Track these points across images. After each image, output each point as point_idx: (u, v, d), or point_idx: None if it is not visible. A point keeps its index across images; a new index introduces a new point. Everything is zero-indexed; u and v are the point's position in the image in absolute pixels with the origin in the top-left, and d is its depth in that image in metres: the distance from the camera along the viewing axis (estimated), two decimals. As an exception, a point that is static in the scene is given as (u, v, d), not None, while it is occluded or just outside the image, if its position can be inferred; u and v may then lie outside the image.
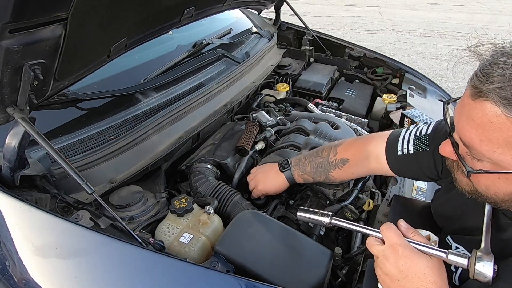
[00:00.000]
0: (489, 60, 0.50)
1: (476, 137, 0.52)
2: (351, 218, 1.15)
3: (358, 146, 1.00)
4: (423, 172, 0.87)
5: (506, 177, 0.53)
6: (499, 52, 0.50)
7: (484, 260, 0.55)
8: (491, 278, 0.54)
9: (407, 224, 0.66)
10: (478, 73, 0.51)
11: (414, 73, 1.91)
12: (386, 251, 0.62)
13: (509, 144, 0.49)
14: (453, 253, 0.59)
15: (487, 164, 0.54)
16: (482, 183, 0.58)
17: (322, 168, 1.04)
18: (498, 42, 0.52)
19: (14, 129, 0.81)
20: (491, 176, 0.55)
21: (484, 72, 0.49)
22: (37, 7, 0.62)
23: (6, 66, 0.67)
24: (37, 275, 0.77)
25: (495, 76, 0.48)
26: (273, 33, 2.08)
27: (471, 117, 0.52)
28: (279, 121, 1.51)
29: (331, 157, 1.02)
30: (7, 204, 0.83)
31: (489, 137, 0.50)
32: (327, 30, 4.07)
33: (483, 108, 0.50)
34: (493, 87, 0.48)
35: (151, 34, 1.15)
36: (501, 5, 8.01)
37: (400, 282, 0.60)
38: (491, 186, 0.57)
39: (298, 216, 0.80)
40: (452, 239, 0.73)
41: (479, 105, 0.50)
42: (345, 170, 1.02)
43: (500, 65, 0.48)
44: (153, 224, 1.02)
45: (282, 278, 0.81)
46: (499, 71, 0.48)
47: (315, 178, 1.05)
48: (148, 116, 1.22)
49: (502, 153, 0.50)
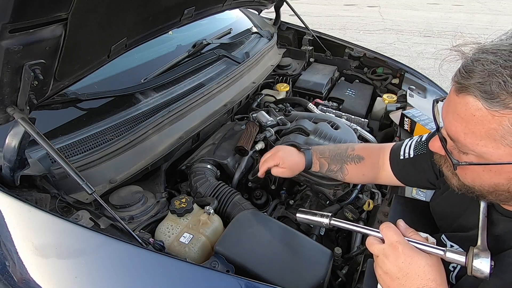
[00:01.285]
0: (471, 57, 0.53)
1: (461, 130, 0.55)
2: (351, 218, 1.15)
3: (373, 150, 1.04)
4: (423, 176, 0.89)
5: (490, 168, 0.56)
6: (480, 50, 0.53)
7: (481, 256, 0.56)
8: (488, 274, 0.55)
9: (405, 224, 0.67)
10: (461, 70, 0.54)
11: (414, 73, 1.91)
12: (386, 249, 0.63)
13: (490, 136, 0.52)
14: (451, 251, 0.60)
15: (472, 157, 0.57)
16: (469, 176, 0.61)
17: (339, 157, 1.05)
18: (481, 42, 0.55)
19: (14, 129, 0.82)
20: (476, 169, 0.58)
21: (466, 68, 0.53)
22: (37, 7, 0.62)
23: (6, 66, 0.68)
24: (37, 275, 0.77)
25: (476, 71, 0.51)
26: (273, 33, 2.08)
27: (456, 111, 0.55)
28: (279, 121, 1.51)
29: (349, 151, 1.05)
30: (7, 204, 0.83)
31: (473, 130, 0.53)
32: (327, 30, 4.08)
33: (466, 103, 0.53)
34: (474, 82, 0.51)
35: (151, 34, 1.15)
36: (501, 5, 8.01)
37: (400, 281, 0.60)
38: (477, 179, 0.59)
39: (298, 218, 0.80)
40: (447, 238, 0.74)
41: (462, 100, 0.53)
42: (359, 168, 1.02)
43: (480, 62, 0.51)
44: (153, 224, 1.02)
45: (282, 278, 0.81)
46: (480, 67, 0.51)
47: (330, 165, 1.05)
48: (148, 116, 1.22)
49: (485, 145, 0.53)
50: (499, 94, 0.49)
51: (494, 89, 0.49)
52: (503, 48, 0.50)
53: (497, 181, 0.57)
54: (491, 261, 0.55)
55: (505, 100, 0.49)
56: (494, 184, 0.57)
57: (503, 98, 0.49)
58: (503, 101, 0.49)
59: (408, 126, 1.43)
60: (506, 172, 0.55)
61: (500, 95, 0.49)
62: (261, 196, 1.27)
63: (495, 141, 0.52)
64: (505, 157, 0.53)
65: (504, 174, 0.55)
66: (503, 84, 0.48)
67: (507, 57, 0.49)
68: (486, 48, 0.52)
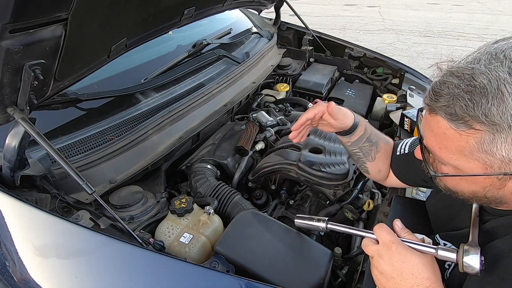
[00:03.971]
0: (440, 79, 0.57)
1: (436, 144, 0.59)
2: (351, 218, 1.15)
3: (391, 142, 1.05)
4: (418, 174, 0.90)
5: (466, 178, 0.60)
6: (449, 72, 0.56)
7: (471, 253, 0.57)
8: (478, 270, 0.56)
9: (402, 224, 0.69)
10: (430, 92, 0.58)
11: (414, 73, 1.91)
12: (380, 249, 0.64)
13: (460, 152, 0.56)
14: (442, 248, 0.62)
15: (450, 167, 0.61)
16: (449, 184, 0.65)
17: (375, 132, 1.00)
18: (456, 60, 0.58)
19: (14, 129, 0.82)
20: (455, 178, 0.62)
21: (434, 91, 0.57)
22: (37, 8, 0.62)
23: (7, 67, 0.68)
24: (37, 275, 0.77)
25: (442, 95, 0.55)
26: (273, 33, 2.08)
27: (430, 127, 0.59)
28: (279, 121, 1.51)
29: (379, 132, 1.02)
30: (7, 204, 0.83)
31: (445, 145, 0.57)
32: (327, 30, 4.08)
33: (437, 121, 0.57)
34: (440, 105, 0.55)
35: (151, 34, 1.15)
36: (501, 5, 8.01)
37: (395, 280, 0.61)
38: (457, 186, 0.63)
39: (296, 223, 0.84)
40: (440, 237, 0.76)
41: (434, 119, 0.57)
42: (386, 150, 0.99)
43: (446, 85, 0.54)
44: (153, 224, 1.02)
45: (282, 278, 0.81)
46: (446, 90, 0.54)
47: (371, 135, 0.98)
48: (148, 116, 1.22)
49: (457, 159, 0.57)
50: (462, 116, 0.52)
51: (458, 111, 0.53)
52: (466, 72, 0.53)
53: (474, 189, 0.61)
54: (480, 257, 0.57)
55: (468, 122, 0.52)
56: (472, 191, 0.61)
57: (467, 120, 0.52)
58: (467, 123, 0.52)
59: (408, 126, 1.43)
60: (480, 182, 0.58)
61: (463, 117, 0.52)
62: (261, 196, 1.27)
63: (465, 156, 0.56)
64: (475, 169, 0.56)
65: (478, 183, 0.59)
66: (465, 107, 0.52)
67: (468, 82, 0.52)
68: (453, 70, 0.55)
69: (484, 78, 0.51)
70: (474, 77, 0.52)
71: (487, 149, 0.53)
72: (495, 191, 0.58)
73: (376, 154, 0.99)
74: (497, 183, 0.57)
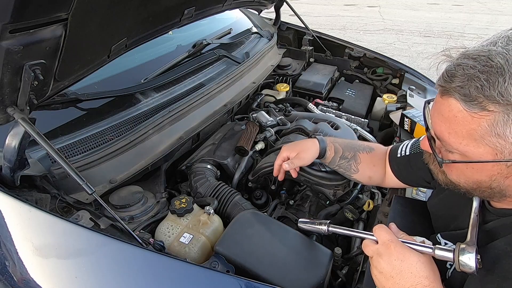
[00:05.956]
0: (454, 62, 0.57)
1: (445, 130, 0.58)
2: (351, 218, 1.15)
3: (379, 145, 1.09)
4: (419, 174, 0.92)
5: (472, 166, 0.59)
6: (463, 55, 0.56)
7: (467, 252, 0.58)
8: (475, 269, 0.57)
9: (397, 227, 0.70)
10: (444, 74, 0.58)
11: (414, 73, 1.91)
12: (379, 249, 0.65)
13: (471, 136, 0.55)
14: (439, 248, 0.62)
15: (457, 155, 0.60)
16: (454, 173, 0.64)
17: (352, 146, 1.06)
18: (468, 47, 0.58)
19: (14, 129, 0.82)
20: (460, 166, 0.61)
21: (449, 73, 0.56)
22: (37, 8, 0.62)
23: (7, 67, 0.68)
24: (37, 275, 0.77)
25: (457, 76, 0.55)
26: (273, 33, 2.08)
27: (441, 112, 0.59)
28: (279, 121, 1.51)
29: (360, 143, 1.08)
30: (7, 204, 0.83)
31: (455, 130, 0.57)
32: (327, 30, 4.08)
33: (449, 104, 0.56)
34: (455, 86, 0.55)
35: (151, 34, 1.15)
36: (501, 5, 8.01)
37: (394, 279, 0.62)
38: (461, 176, 0.63)
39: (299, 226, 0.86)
40: (441, 236, 0.77)
41: (445, 102, 0.57)
42: (370, 157, 1.03)
43: (461, 67, 0.55)
44: (153, 224, 1.02)
45: (282, 278, 0.81)
46: (460, 72, 0.54)
47: (344, 152, 1.04)
48: (148, 116, 1.22)
49: (467, 144, 0.56)
50: (477, 97, 0.52)
51: (473, 92, 0.53)
52: (482, 54, 0.53)
53: (479, 178, 0.60)
54: (476, 255, 0.57)
55: (482, 103, 0.52)
56: (477, 181, 0.61)
57: (481, 101, 0.52)
58: (481, 104, 0.52)
59: (408, 126, 1.43)
60: (487, 170, 0.58)
61: (477, 98, 0.52)
62: (261, 196, 1.27)
63: (476, 140, 0.55)
64: (484, 155, 0.56)
65: (485, 171, 0.58)
66: (480, 88, 0.52)
67: (485, 63, 0.52)
68: (468, 53, 0.56)
69: (501, 58, 0.51)
70: (490, 57, 0.52)
71: (500, 132, 0.52)
72: (501, 180, 0.58)
73: (358, 166, 1.03)
74: (504, 171, 0.57)
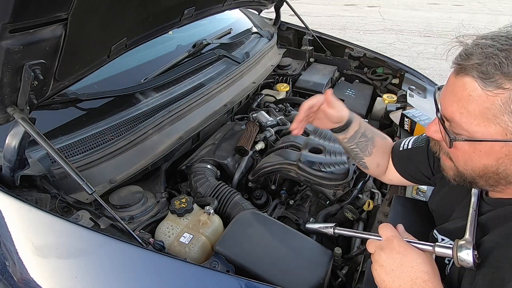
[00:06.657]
0: (472, 42, 0.58)
1: (457, 110, 0.59)
2: (351, 218, 1.15)
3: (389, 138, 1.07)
4: (419, 168, 0.93)
5: (480, 149, 0.60)
6: (480, 37, 0.58)
7: (464, 248, 0.59)
8: (472, 264, 0.58)
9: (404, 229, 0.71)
10: (461, 53, 0.59)
11: (414, 73, 1.91)
12: (382, 243, 0.67)
13: (483, 115, 0.56)
14: (439, 245, 0.64)
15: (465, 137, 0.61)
16: (461, 159, 0.65)
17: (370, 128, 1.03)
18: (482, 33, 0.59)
19: (14, 129, 0.82)
20: (468, 151, 0.62)
21: (466, 51, 0.58)
22: (37, 8, 0.62)
23: (7, 66, 0.68)
24: (37, 275, 0.77)
25: (474, 54, 0.56)
26: (273, 33, 2.08)
27: (453, 92, 0.60)
28: (279, 121, 1.51)
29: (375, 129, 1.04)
30: (7, 204, 0.83)
31: (468, 109, 0.57)
32: (327, 30, 4.07)
33: (463, 83, 0.57)
34: (472, 63, 0.56)
35: (151, 34, 1.15)
36: (501, 5, 8.00)
37: (395, 273, 0.63)
38: (468, 161, 0.63)
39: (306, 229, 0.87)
40: (438, 232, 0.78)
41: (460, 81, 0.58)
42: (384, 144, 1.02)
43: (479, 46, 0.56)
44: (153, 224, 1.02)
45: (282, 278, 0.81)
46: (478, 50, 0.56)
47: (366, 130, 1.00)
48: (148, 116, 1.22)
49: (478, 124, 0.57)
50: (494, 75, 0.53)
51: (490, 69, 0.53)
52: (500, 35, 0.55)
53: (487, 162, 0.60)
54: (473, 251, 0.59)
55: (499, 80, 0.53)
56: (483, 166, 0.61)
57: (497, 78, 0.53)
58: (497, 81, 0.53)
59: (408, 126, 1.43)
60: (495, 152, 0.59)
61: (494, 75, 0.53)
62: (261, 196, 1.27)
63: (488, 119, 0.56)
64: (494, 136, 0.57)
65: (493, 154, 0.59)
66: (499, 65, 0.53)
67: (504, 42, 0.54)
68: (485, 35, 0.57)
69: None
70: (509, 37, 0.54)
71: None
72: (508, 163, 0.58)
73: (372, 149, 1.01)
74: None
